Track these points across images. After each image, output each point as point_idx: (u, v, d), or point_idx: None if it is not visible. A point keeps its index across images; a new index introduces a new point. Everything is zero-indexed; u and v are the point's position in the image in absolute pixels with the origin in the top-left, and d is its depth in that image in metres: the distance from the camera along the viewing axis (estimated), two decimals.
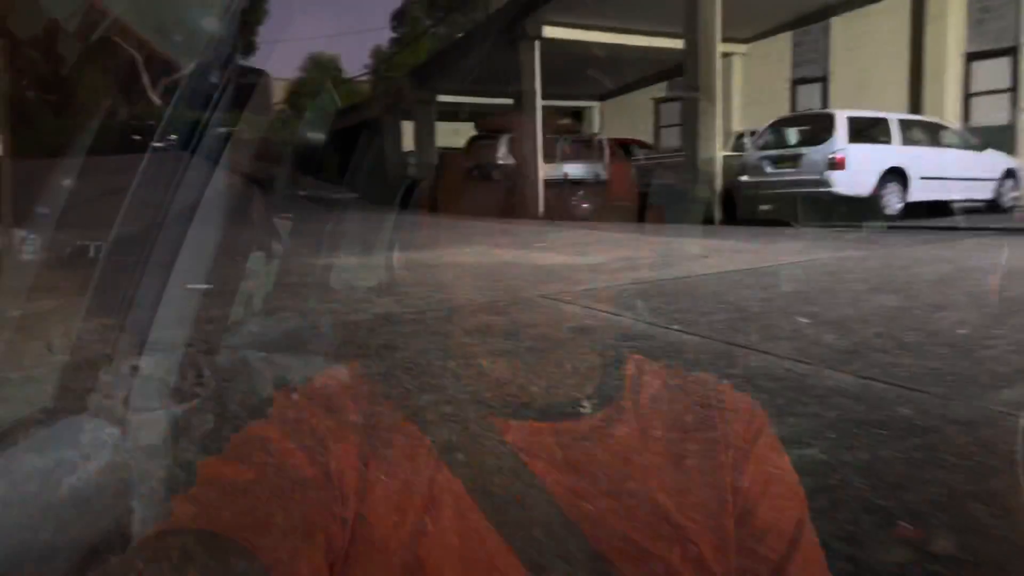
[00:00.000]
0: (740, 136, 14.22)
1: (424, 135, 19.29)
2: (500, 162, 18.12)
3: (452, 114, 21.41)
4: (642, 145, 18.05)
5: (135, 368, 2.79)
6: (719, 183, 10.80)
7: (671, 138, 20.30)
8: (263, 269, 5.34)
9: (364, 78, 30.42)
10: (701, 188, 10.56)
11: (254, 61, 52.30)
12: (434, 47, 27.55)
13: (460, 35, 19.43)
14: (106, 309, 4.17)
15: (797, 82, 16.90)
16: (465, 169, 17.20)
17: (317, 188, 18.19)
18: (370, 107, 21.66)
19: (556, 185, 16.80)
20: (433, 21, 43.94)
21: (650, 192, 12.62)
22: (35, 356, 3.02)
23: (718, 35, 10.73)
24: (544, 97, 15.10)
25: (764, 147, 10.51)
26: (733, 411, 0.79)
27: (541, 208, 15.23)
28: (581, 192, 16.93)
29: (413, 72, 20.16)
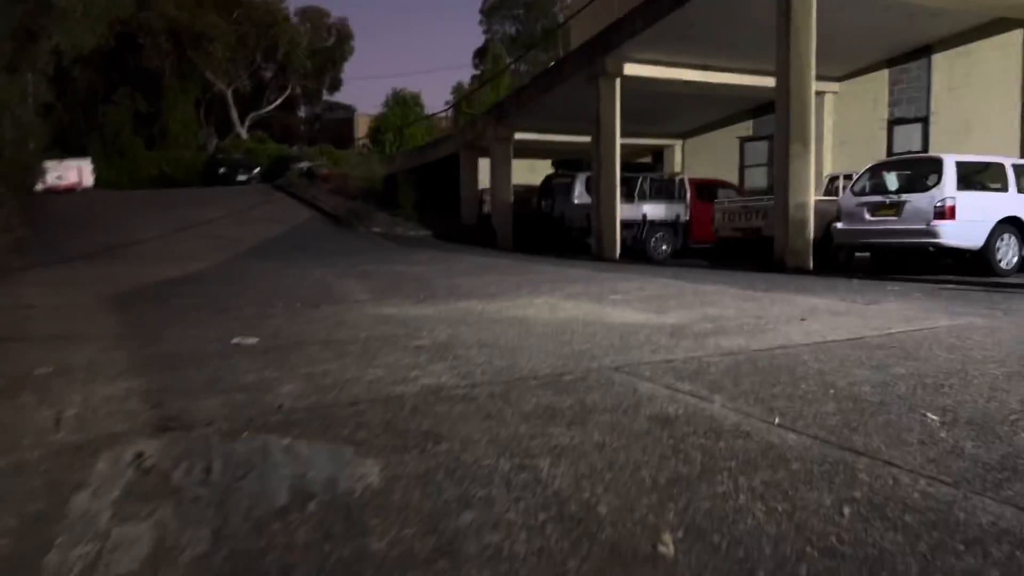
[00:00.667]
0: (833, 179, 13.44)
1: (500, 172, 19.08)
2: (576, 201, 17.73)
3: (529, 151, 21.21)
4: (726, 186, 17.34)
5: (139, 456, 2.42)
6: (811, 230, 10.09)
7: (757, 178, 19.55)
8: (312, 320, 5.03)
9: (444, 114, 30.61)
10: (794, 235, 9.87)
11: (338, 96, 53.77)
12: (514, 84, 27.59)
13: (539, 72, 19.21)
14: (142, 365, 3.89)
15: (894, 123, 15.97)
16: (540, 208, 16.83)
17: (391, 225, 18.13)
18: (447, 144, 21.63)
19: (635, 226, 16.28)
20: (513, 58, 44.32)
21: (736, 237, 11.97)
22: (38, 433, 2.69)
23: (812, 73, 10.11)
24: (623, 135, 14.67)
25: (862, 192, 9.77)
26: None
27: (618, 250, 14.73)
28: (661, 234, 16.36)
29: (491, 109, 20.05)
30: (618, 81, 14.28)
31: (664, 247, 16.01)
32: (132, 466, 2.34)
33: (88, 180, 29.82)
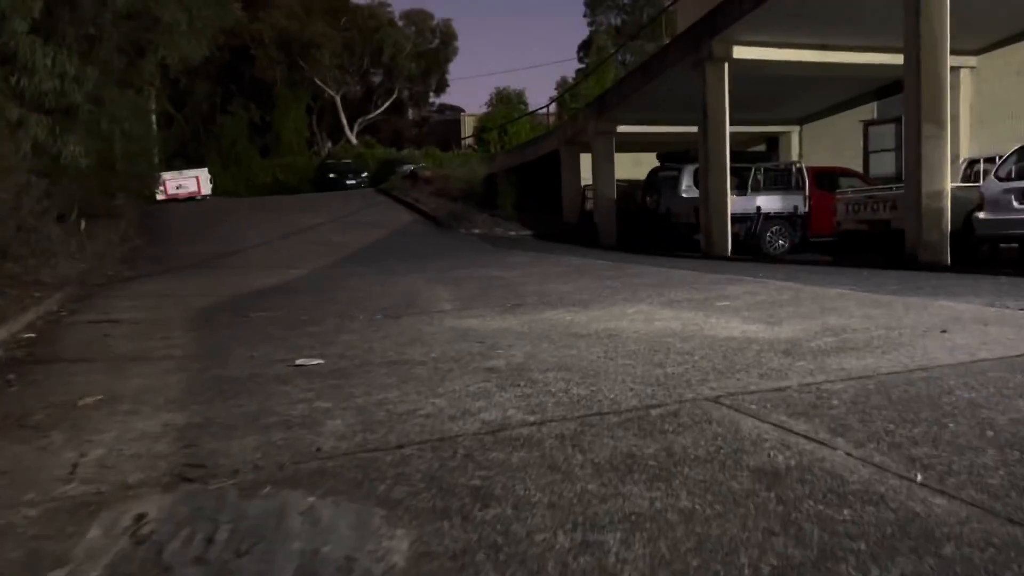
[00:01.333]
0: (971, 164, 12.15)
1: (602, 168, 18.49)
2: (683, 195, 16.91)
3: (633, 145, 20.49)
4: (849, 174, 16.12)
5: (139, 519, 2.10)
6: (947, 221, 9.05)
7: (883, 165, 18.14)
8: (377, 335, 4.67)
9: (547, 111, 30.21)
10: (928, 227, 8.87)
11: (444, 98, 54.40)
12: (618, 76, 26.86)
13: (641, 62, 18.49)
14: (194, 392, 3.64)
15: None
16: (645, 203, 16.14)
17: (491, 226, 17.87)
18: (548, 141, 21.20)
19: (748, 220, 15.32)
20: (616, 48, 43.43)
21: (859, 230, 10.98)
22: (48, 483, 2.43)
23: (946, 45, 9.06)
24: (734, 123, 13.81)
25: (1009, 177, 8.66)
26: None
27: (729, 246, 13.87)
28: (777, 228, 15.34)
29: (592, 103, 19.47)
30: (726, 66, 13.43)
31: (781, 242, 15.01)
32: (127, 533, 2.02)
33: (206, 188, 31.19)
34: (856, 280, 7.65)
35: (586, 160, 19.95)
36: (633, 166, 20.83)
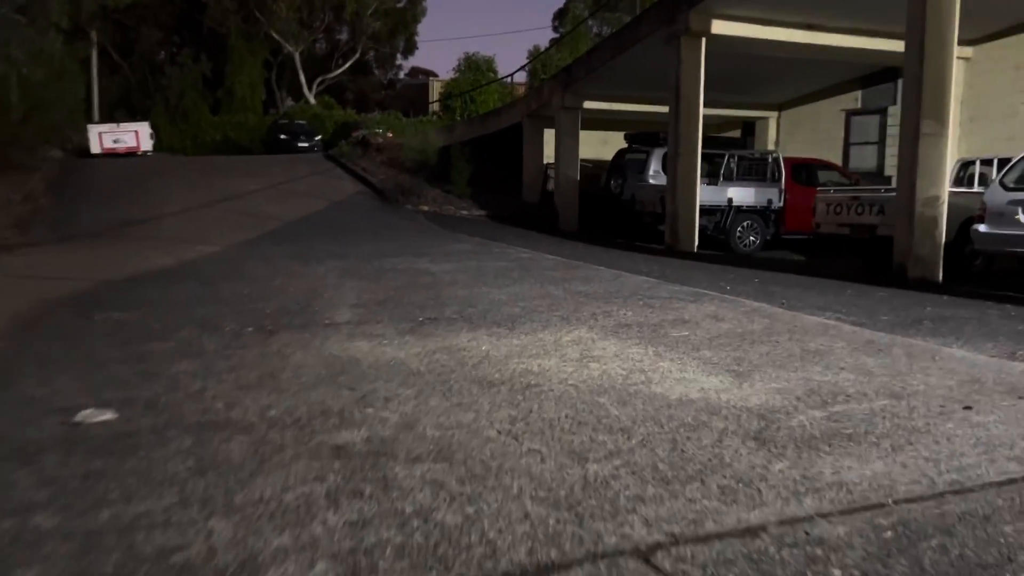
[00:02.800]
0: (966, 166, 11.19)
1: (566, 145, 17.28)
2: (650, 181, 15.78)
3: (601, 122, 19.32)
4: (828, 167, 15.17)
5: None
6: (942, 232, 8.05)
7: (864, 159, 17.23)
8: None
9: (512, 81, 28.79)
10: (921, 238, 7.87)
11: (415, 61, 52.58)
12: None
13: (612, 32, 17.25)
14: None
15: None
16: (609, 187, 15.00)
17: (442, 203, 16.61)
18: (510, 112, 19.91)
19: (718, 212, 14.25)
20: (590, 13, 41.97)
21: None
22: None
23: (954, 31, 8.00)
24: (708, 105, 12.71)
25: (1018, 186, 7.66)
26: None
27: (696, 241, 12.80)
28: (749, 223, 14.30)
29: (558, 74, 18.20)
30: (703, 41, 12.27)
31: (752, 238, 14.01)
32: None
33: (146, 144, 29.31)
34: (839, 300, 6.60)
35: (550, 136, 18.72)
36: (600, 145, 19.68)
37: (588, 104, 17.18)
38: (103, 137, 28.67)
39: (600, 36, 39.16)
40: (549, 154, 19.08)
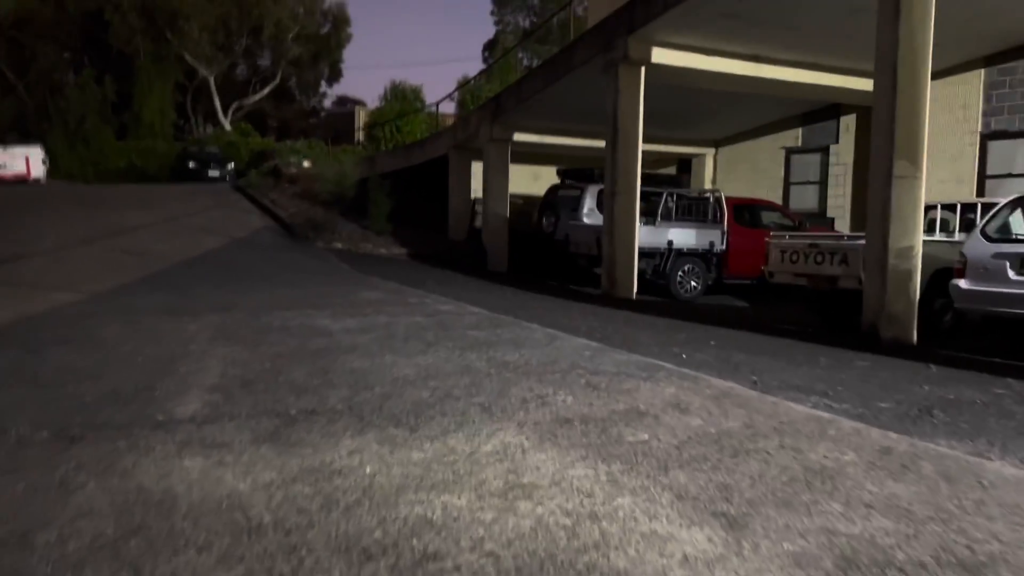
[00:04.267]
0: (926, 209, 10.50)
1: (495, 180, 16.23)
2: (585, 220, 14.81)
3: (533, 156, 18.35)
4: (771, 208, 14.49)
5: None
6: (916, 286, 7.19)
7: (804, 199, 16.68)
8: None
9: (437, 110, 27.71)
10: (895, 294, 6.97)
11: (340, 89, 51.08)
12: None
13: (545, 60, 16.37)
14: None
15: (989, 136, 13.07)
16: (540, 225, 13.95)
17: (358, 240, 15.30)
18: (436, 143, 18.77)
19: (657, 255, 13.34)
20: (518, 41, 41.46)
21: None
22: None
23: (928, 63, 7.22)
24: (645, 140, 11.80)
25: (1004, 238, 6.85)
26: None
27: (635, 286, 11.83)
28: (690, 267, 13.42)
29: (486, 103, 17.19)
30: (643, 70, 11.41)
31: (693, 283, 13.12)
32: None
33: (37, 171, 27.04)
34: (816, 373, 5.58)
35: (479, 169, 17.66)
36: (532, 180, 18.68)
37: (519, 136, 16.20)
38: None
39: (530, 66, 38.65)
40: (477, 188, 18.00)
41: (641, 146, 11.54)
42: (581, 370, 5.17)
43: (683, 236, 12.96)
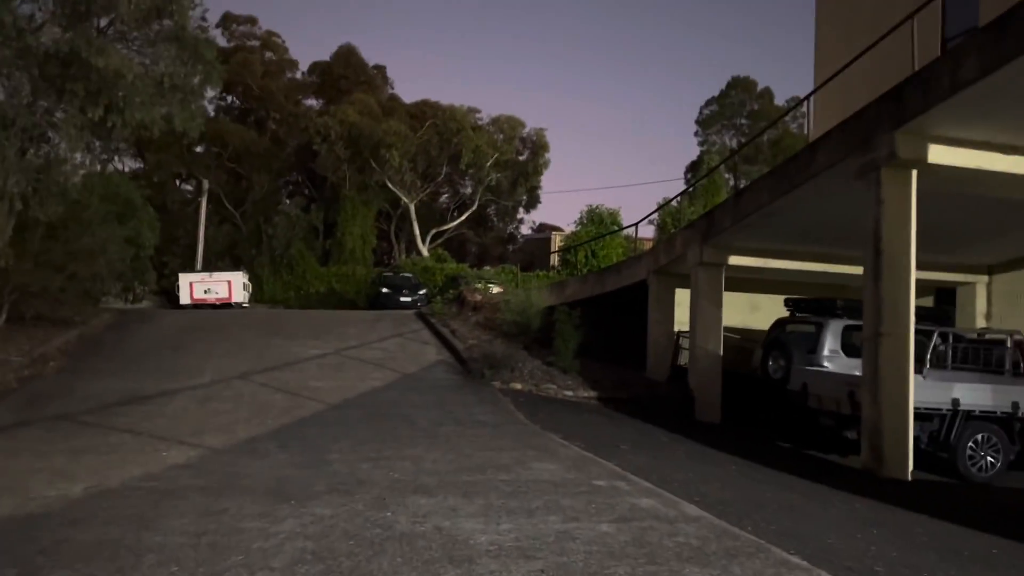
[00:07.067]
0: None
1: (706, 311, 13.74)
2: (826, 364, 11.90)
3: (749, 283, 15.74)
4: None
5: None
6: None
7: None
8: None
9: (636, 234, 25.81)
10: None
11: (537, 215, 51.13)
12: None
13: (772, 168, 13.97)
14: None
15: None
16: (765, 369, 11.22)
17: (540, 379, 13.26)
18: (633, 267, 16.66)
19: (935, 418, 10.11)
20: (725, 158, 39.12)
21: None
22: None
23: None
24: None
25: None
26: None
27: (910, 460, 8.78)
28: (984, 436, 10.05)
29: (696, 221, 14.95)
30: (914, 174, 8.76)
31: (991, 459, 9.72)
32: None
33: (239, 295, 27.93)
34: None
35: (683, 298, 15.27)
36: (749, 312, 15.99)
37: (734, 260, 13.72)
38: (194, 287, 27.52)
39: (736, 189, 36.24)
40: (681, 320, 15.55)
41: (914, 273, 8.74)
42: None
43: (974, 393, 9.71)
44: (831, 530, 5.56)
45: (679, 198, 35.26)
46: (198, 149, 36.44)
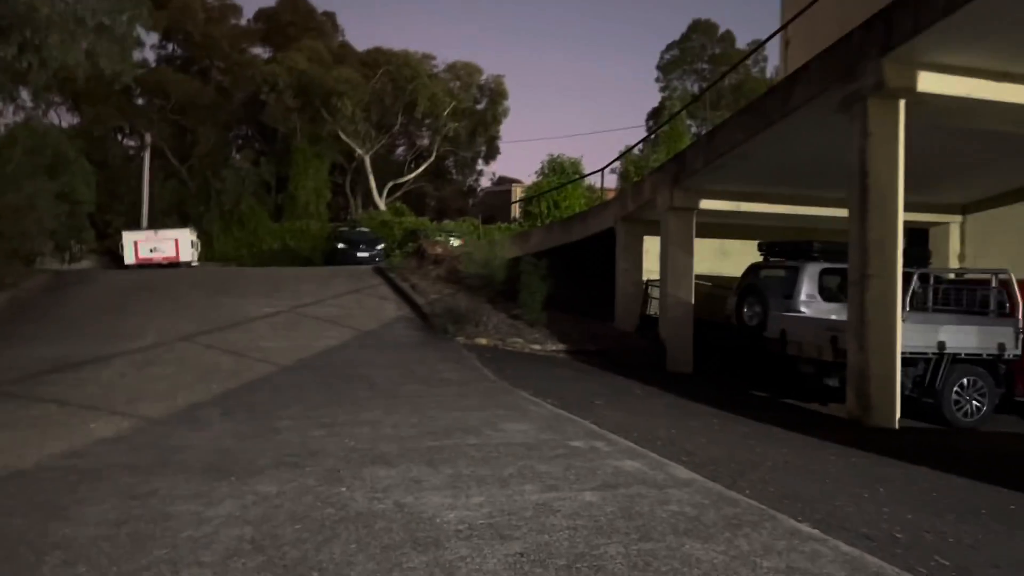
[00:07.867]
0: None
1: (676, 258, 13.25)
2: (803, 310, 11.52)
3: (722, 227, 15.29)
4: None
5: None
6: None
7: None
8: None
9: (603, 184, 25.19)
10: None
11: (497, 166, 50.00)
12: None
13: (747, 103, 13.38)
14: None
15: None
16: (740, 317, 10.77)
17: (506, 333, 12.70)
18: (600, 215, 16.08)
19: (920, 363, 9.80)
20: (688, 103, 38.49)
21: None
22: None
23: None
24: None
25: None
26: None
27: (897, 410, 8.43)
28: (971, 380, 9.76)
29: (665, 164, 14.37)
30: (902, 105, 8.24)
31: (976, 403, 9.43)
32: None
33: (187, 254, 26.78)
34: None
35: (652, 245, 14.78)
36: (718, 258, 15.57)
37: (706, 203, 13.20)
38: (139, 246, 26.30)
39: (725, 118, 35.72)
40: (650, 268, 15.08)
41: (902, 211, 8.28)
42: None
43: (959, 336, 9.36)
44: (835, 490, 5.09)
45: (641, 145, 34.67)
46: (139, 101, 34.76)
